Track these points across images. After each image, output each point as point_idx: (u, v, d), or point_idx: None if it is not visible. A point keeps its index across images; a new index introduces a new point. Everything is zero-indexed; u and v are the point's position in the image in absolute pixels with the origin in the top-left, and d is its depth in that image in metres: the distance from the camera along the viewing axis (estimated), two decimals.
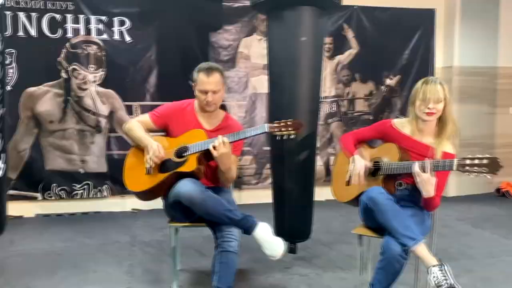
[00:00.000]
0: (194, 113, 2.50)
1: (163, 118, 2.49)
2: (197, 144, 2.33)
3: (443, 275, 1.94)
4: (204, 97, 2.38)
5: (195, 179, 2.25)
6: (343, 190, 2.48)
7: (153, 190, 2.34)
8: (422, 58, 4.90)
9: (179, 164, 2.33)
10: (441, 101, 2.23)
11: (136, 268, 2.88)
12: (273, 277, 2.73)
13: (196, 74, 2.41)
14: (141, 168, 2.41)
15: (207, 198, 2.17)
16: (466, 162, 2.01)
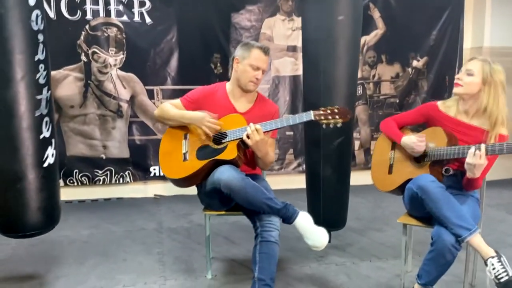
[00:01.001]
0: (226, 96, 2.40)
1: (196, 103, 2.39)
2: (236, 131, 2.23)
3: (503, 267, 1.85)
4: (254, 73, 2.29)
5: (234, 166, 2.16)
6: (385, 178, 2.38)
7: (191, 177, 2.25)
8: (450, 39, 4.71)
9: (218, 151, 2.23)
10: (473, 75, 2.12)
11: (166, 257, 2.81)
12: (309, 267, 2.65)
13: (249, 48, 2.30)
14: (177, 153, 2.32)
15: (247, 186, 2.07)
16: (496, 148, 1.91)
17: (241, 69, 2.31)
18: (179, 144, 2.34)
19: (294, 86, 4.40)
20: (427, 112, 2.34)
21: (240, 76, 2.33)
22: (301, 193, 4.13)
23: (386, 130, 2.40)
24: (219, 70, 4.25)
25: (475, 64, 2.16)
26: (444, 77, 4.76)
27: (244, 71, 2.30)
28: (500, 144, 1.98)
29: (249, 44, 2.33)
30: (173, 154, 2.33)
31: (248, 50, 2.30)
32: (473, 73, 2.13)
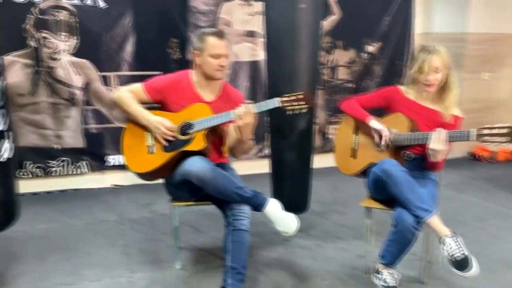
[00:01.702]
0: (191, 85, 2.36)
1: (160, 91, 2.33)
2: (203, 121, 2.21)
3: (457, 246, 1.97)
4: (217, 62, 2.25)
5: (203, 157, 2.14)
6: (349, 162, 2.46)
7: (159, 170, 2.22)
8: (402, 24, 4.88)
9: (185, 142, 2.21)
10: (440, 71, 2.22)
11: (131, 249, 2.77)
12: (276, 251, 2.71)
13: (203, 39, 2.26)
14: (141, 147, 2.27)
15: (218, 176, 2.07)
16: (485, 132, 2.02)
17: (203, 62, 2.27)
18: (143, 136, 2.29)
19: (254, 72, 4.40)
20: (390, 96, 2.40)
21: (204, 68, 2.29)
22: (263, 178, 4.18)
23: (349, 110, 2.45)
24: (177, 55, 4.16)
25: (438, 61, 2.21)
26: (396, 62, 4.92)
27: (207, 63, 2.27)
28: (461, 131, 2.10)
29: (202, 34, 2.28)
30: (137, 147, 2.28)
31: (203, 41, 2.25)
32: (440, 70, 2.21)
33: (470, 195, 3.81)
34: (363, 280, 2.34)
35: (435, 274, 2.37)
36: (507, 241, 2.82)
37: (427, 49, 2.25)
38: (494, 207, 3.48)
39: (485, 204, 3.56)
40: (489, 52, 5.18)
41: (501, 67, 5.28)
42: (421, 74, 2.23)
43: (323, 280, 2.35)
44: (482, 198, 3.71)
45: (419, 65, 2.23)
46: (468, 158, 5.17)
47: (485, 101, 5.28)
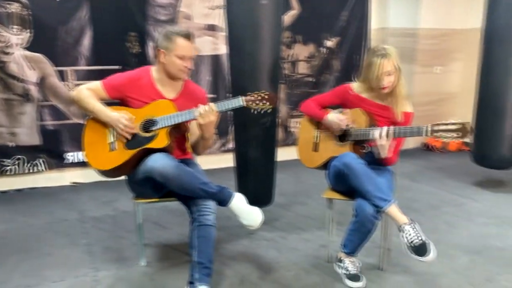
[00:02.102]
0: (152, 82, 2.33)
1: (119, 89, 2.30)
2: (167, 117, 2.20)
3: (415, 232, 2.07)
4: (183, 63, 2.24)
5: (166, 153, 2.14)
6: (311, 155, 2.53)
7: (121, 167, 2.20)
8: (359, 19, 5.01)
9: (148, 139, 2.19)
10: (392, 73, 2.30)
11: (95, 247, 2.73)
12: (241, 244, 2.75)
13: (171, 39, 2.22)
14: (103, 144, 2.24)
15: (182, 173, 2.08)
16: (439, 128, 2.12)
17: (168, 61, 2.25)
18: (104, 133, 2.25)
19: (215, 66, 4.40)
20: (343, 94, 2.49)
21: (168, 68, 2.27)
22: (227, 172, 4.21)
23: (308, 111, 2.53)
24: (136, 49, 4.09)
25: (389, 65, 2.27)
26: (353, 56, 5.06)
27: (173, 63, 2.24)
28: (404, 128, 2.20)
29: (171, 33, 2.24)
30: (98, 144, 2.25)
31: (171, 41, 2.22)
32: (391, 72, 2.29)
33: (424, 184, 3.99)
34: (326, 269, 2.43)
35: (393, 261, 2.49)
36: (461, 228, 2.99)
37: (379, 53, 2.28)
38: (447, 196, 3.67)
39: (438, 193, 3.75)
40: (440, 46, 5.42)
41: (451, 61, 5.54)
42: (375, 79, 2.30)
43: (288, 271, 2.41)
44: (436, 187, 3.90)
45: (372, 70, 2.28)
46: (422, 148, 5.41)
47: (437, 94, 5.54)
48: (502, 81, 3.51)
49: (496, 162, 3.68)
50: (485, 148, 3.69)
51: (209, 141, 2.32)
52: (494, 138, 3.57)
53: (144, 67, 2.40)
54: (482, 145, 3.71)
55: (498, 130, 3.55)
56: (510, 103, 3.52)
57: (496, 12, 3.52)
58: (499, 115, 3.55)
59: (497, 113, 3.55)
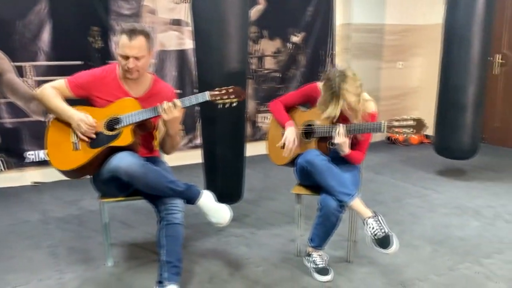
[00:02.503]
0: (118, 80, 2.28)
1: (84, 87, 2.24)
2: (131, 115, 2.16)
3: (378, 225, 2.13)
4: (125, 62, 2.18)
5: (132, 152, 2.10)
6: (280, 153, 2.54)
7: (85, 167, 2.14)
8: (324, 15, 5.06)
9: (112, 138, 2.14)
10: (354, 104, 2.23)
11: (59, 249, 2.65)
12: (210, 242, 2.74)
13: (118, 36, 2.18)
14: (66, 143, 2.18)
15: (148, 171, 2.05)
16: (394, 124, 2.17)
17: (118, 60, 2.21)
18: (67, 132, 2.19)
19: (181, 61, 4.35)
20: (309, 93, 2.52)
21: (120, 66, 2.24)
22: (194, 169, 4.18)
23: (274, 112, 2.55)
24: (99, 44, 3.99)
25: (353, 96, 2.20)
26: (319, 52, 5.11)
27: (118, 61, 2.21)
28: (359, 124, 2.24)
29: (119, 30, 2.21)
30: (61, 143, 2.18)
31: (118, 38, 2.18)
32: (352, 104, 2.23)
33: (388, 177, 4.10)
34: (295, 263, 2.45)
35: (360, 253, 2.54)
36: (425, 219, 3.09)
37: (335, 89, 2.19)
38: (410, 187, 3.78)
39: (402, 185, 3.85)
40: (403, 42, 5.55)
41: (412, 56, 5.69)
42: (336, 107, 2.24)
43: (257, 267, 2.42)
44: (400, 179, 4.01)
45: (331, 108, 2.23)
46: (385, 142, 5.54)
47: (400, 89, 5.68)
48: (461, 76, 3.64)
49: (458, 153, 3.86)
50: (447, 139, 3.84)
51: (175, 138, 2.29)
52: (455, 130, 3.72)
53: (110, 64, 2.35)
54: (445, 137, 3.85)
55: (459, 123, 3.70)
56: (469, 97, 3.67)
57: (455, 9, 3.64)
58: (459, 109, 3.69)
59: (457, 107, 3.69)
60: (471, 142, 3.78)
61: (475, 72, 3.63)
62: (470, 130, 3.73)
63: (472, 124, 3.72)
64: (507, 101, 5.03)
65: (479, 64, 3.63)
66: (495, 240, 2.71)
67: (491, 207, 3.28)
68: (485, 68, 3.73)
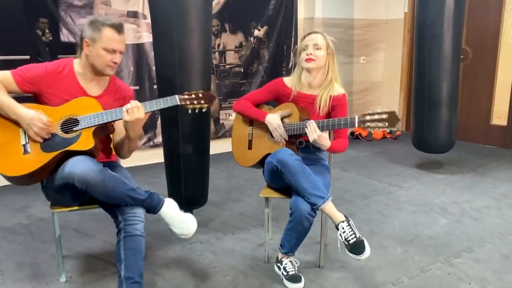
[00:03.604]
0: (74, 77, 2.06)
1: (33, 82, 2.00)
2: (91, 116, 1.96)
3: (351, 230, 2.03)
4: (111, 57, 1.99)
5: (88, 157, 1.90)
6: (246, 154, 2.41)
7: (36, 173, 1.91)
8: (286, 9, 4.95)
9: (70, 141, 1.93)
10: (320, 48, 2.27)
11: (5, 263, 2.41)
12: (173, 250, 2.57)
13: (99, 29, 1.97)
14: (14, 145, 1.94)
15: (106, 178, 1.85)
16: (367, 118, 2.09)
17: (94, 54, 2.00)
18: (16, 133, 1.95)
19: (138, 56, 4.11)
20: (275, 89, 2.41)
21: (94, 61, 2.01)
22: (155, 169, 3.98)
23: (244, 110, 2.39)
24: (48, 37, 3.70)
25: (318, 38, 2.28)
26: (282, 46, 5.00)
27: (98, 56, 1.99)
28: (333, 120, 2.15)
29: (98, 23, 1.99)
30: (8, 146, 1.94)
31: (98, 30, 1.97)
32: (320, 47, 2.25)
33: (354, 173, 4.06)
34: (264, 270, 2.33)
35: (331, 257, 2.46)
36: (393, 217, 3.05)
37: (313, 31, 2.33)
38: (377, 184, 3.74)
39: (368, 182, 3.82)
40: (365, 37, 5.54)
41: (375, 51, 5.69)
42: (303, 51, 2.28)
43: (225, 276, 2.28)
44: (365, 176, 3.97)
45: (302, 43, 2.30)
46: (349, 137, 5.52)
47: (363, 83, 5.68)
48: (435, 72, 3.67)
49: (434, 148, 3.92)
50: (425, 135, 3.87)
51: (135, 141, 2.11)
52: (430, 125, 3.76)
53: (65, 58, 2.11)
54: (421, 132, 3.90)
55: (435, 118, 3.77)
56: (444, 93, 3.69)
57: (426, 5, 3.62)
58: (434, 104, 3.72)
59: (432, 103, 3.72)
60: (447, 137, 3.84)
61: (448, 68, 3.66)
62: (446, 125, 3.79)
63: (447, 119, 3.78)
64: (466, 96, 5.12)
65: (452, 59, 3.66)
66: (464, 238, 2.70)
67: (456, 203, 3.29)
68: (458, 63, 3.76)
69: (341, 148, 2.29)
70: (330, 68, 2.31)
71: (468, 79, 5.08)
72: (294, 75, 2.39)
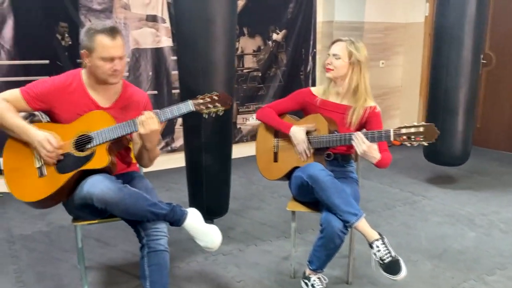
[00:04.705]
0: (84, 89, 1.97)
1: (43, 99, 1.92)
2: (104, 131, 1.88)
3: (386, 248, 1.97)
4: (110, 65, 1.88)
5: (106, 175, 1.84)
6: (271, 167, 2.35)
7: (54, 196, 1.86)
8: (305, 12, 4.87)
9: (84, 159, 1.87)
10: (340, 58, 2.20)
11: (26, 274, 2.37)
12: (196, 262, 2.52)
13: (92, 37, 1.87)
14: (29, 169, 1.88)
15: (126, 196, 1.79)
16: (402, 132, 2.02)
17: (93, 65, 1.89)
18: (30, 156, 1.88)
19: (157, 60, 4.07)
20: (302, 98, 2.35)
21: (95, 72, 1.91)
22: (172, 174, 3.93)
23: (268, 120, 2.33)
24: (67, 42, 3.67)
25: (339, 47, 2.21)
26: (301, 50, 4.93)
27: (97, 67, 1.88)
28: (379, 131, 2.08)
29: (90, 31, 1.87)
30: (23, 169, 1.88)
31: (92, 39, 1.86)
32: (340, 57, 2.19)
33: (375, 181, 3.96)
34: (291, 286, 2.27)
35: (359, 272, 2.39)
36: (418, 229, 2.96)
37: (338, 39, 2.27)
38: (399, 193, 3.66)
39: (390, 190, 3.73)
40: (384, 40, 5.44)
41: (394, 55, 5.58)
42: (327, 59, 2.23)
43: None
44: (387, 184, 3.89)
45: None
46: None
47: (382, 88, 5.57)
48: (453, 79, 3.51)
49: (449, 159, 3.71)
50: (438, 145, 3.71)
51: (154, 151, 2.02)
52: (446, 135, 3.57)
53: (72, 70, 2.03)
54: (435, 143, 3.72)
55: (450, 127, 3.57)
56: (461, 101, 3.55)
57: (446, 9, 3.51)
58: (451, 113, 3.57)
59: (448, 110, 3.57)
60: (462, 147, 3.64)
61: (467, 73, 3.49)
62: (462, 134, 3.59)
63: (463, 129, 3.59)
64: (489, 102, 5.00)
65: (472, 65, 3.50)
66: (495, 253, 2.61)
67: (483, 215, 3.19)
68: (478, 68, 3.61)
69: (388, 162, 2.16)
70: (354, 78, 2.23)
71: (491, 85, 4.96)
72: (321, 86, 2.34)
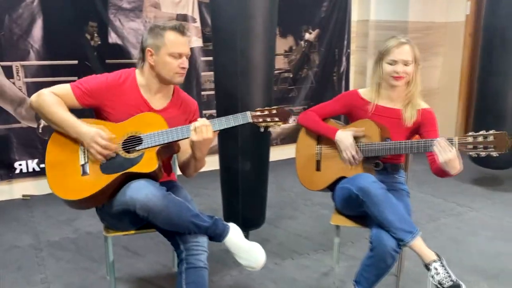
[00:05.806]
0: (137, 89, 1.88)
1: (94, 95, 1.83)
2: (156, 135, 1.77)
3: (445, 271, 1.78)
4: (178, 62, 1.82)
5: (151, 180, 1.71)
6: (313, 176, 2.17)
7: (95, 196, 1.73)
8: (340, 11, 4.68)
9: (132, 162, 1.74)
10: (411, 64, 2.02)
11: (54, 285, 2.26)
12: (230, 275, 2.36)
13: (160, 34, 1.81)
14: (72, 166, 1.77)
15: (170, 205, 1.66)
16: (468, 141, 1.82)
17: (160, 62, 1.82)
18: (75, 152, 1.78)
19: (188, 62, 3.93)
20: (349, 101, 2.17)
21: (161, 70, 1.83)
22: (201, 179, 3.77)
23: (311, 124, 2.16)
24: (96, 42, 3.58)
25: (406, 51, 2.02)
26: (334, 50, 4.73)
27: (165, 64, 1.82)
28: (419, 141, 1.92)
29: (159, 28, 1.82)
30: (67, 166, 1.77)
31: (160, 36, 1.80)
32: (409, 63, 2.01)
33: (416, 190, 3.72)
34: None
35: None
36: (468, 244, 2.74)
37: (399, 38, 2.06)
38: (442, 203, 3.43)
39: (433, 200, 3.50)
40: (423, 40, 5.19)
41: (433, 56, 5.33)
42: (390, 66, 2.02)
43: None
44: (429, 193, 3.65)
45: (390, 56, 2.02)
46: None
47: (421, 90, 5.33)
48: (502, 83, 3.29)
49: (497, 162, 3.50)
50: None
51: (202, 161, 1.89)
52: None
53: (125, 69, 1.94)
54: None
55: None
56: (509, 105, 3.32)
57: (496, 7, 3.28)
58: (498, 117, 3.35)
59: (496, 115, 3.35)
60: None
61: None
62: None
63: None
64: None
65: None
66: None
67: None
68: None
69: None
70: (418, 81, 2.07)
71: None
72: (371, 86, 2.14)
